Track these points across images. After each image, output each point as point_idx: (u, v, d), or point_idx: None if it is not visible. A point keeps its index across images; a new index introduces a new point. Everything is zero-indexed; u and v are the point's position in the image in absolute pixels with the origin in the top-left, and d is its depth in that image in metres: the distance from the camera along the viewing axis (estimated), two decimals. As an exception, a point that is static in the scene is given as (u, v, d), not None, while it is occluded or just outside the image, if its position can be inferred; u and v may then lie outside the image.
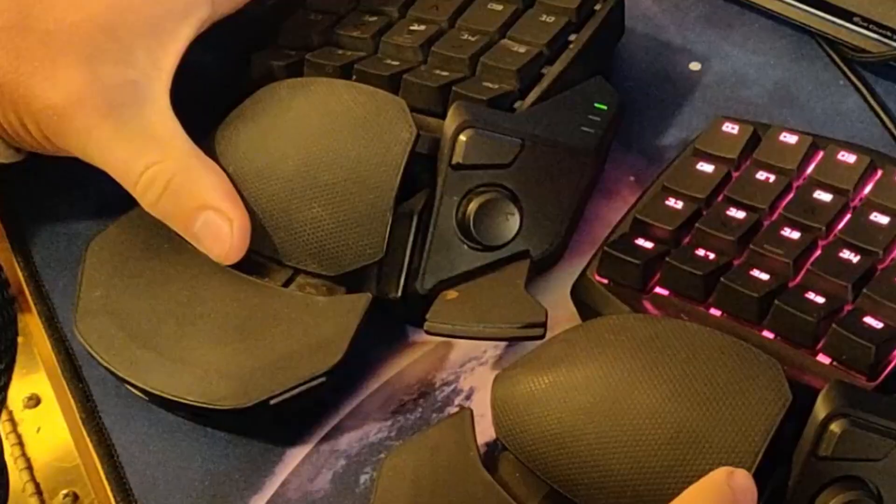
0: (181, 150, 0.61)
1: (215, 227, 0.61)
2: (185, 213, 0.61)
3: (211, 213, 0.60)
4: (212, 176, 0.61)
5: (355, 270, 0.61)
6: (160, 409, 0.61)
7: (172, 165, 0.61)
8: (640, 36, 0.74)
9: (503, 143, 0.62)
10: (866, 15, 0.69)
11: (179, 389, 0.59)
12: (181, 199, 0.61)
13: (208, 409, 0.58)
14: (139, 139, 0.61)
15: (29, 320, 0.66)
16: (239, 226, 0.61)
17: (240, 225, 0.61)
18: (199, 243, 0.61)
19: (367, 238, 0.61)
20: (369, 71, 0.65)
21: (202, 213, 0.60)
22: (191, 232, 0.61)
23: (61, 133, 0.61)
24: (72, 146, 0.61)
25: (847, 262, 0.57)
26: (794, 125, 0.65)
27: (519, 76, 0.64)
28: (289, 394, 0.58)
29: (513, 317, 0.59)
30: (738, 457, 0.50)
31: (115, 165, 0.61)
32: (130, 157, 0.61)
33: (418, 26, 0.68)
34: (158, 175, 0.60)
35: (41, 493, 0.61)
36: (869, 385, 0.54)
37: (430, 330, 0.60)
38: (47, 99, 0.60)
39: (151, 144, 0.61)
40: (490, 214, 0.61)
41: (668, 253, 0.59)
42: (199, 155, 0.61)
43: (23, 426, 0.64)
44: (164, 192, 0.61)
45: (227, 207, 0.61)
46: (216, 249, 0.61)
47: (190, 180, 0.61)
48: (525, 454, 0.54)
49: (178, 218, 0.61)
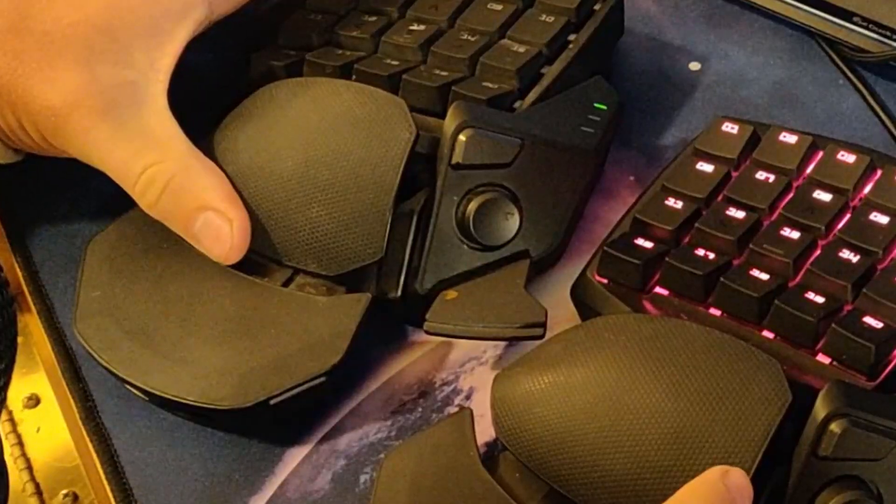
0: (180, 151, 0.61)
1: (215, 227, 0.60)
2: (185, 213, 0.61)
3: (211, 214, 0.60)
4: (211, 176, 0.61)
5: (355, 270, 0.61)
6: (160, 409, 0.61)
7: (171, 166, 0.60)
8: (640, 36, 0.74)
9: (503, 142, 0.62)
10: (866, 15, 0.69)
11: (179, 389, 0.59)
12: (180, 200, 0.61)
13: (208, 409, 0.58)
14: (137, 140, 0.61)
15: (29, 320, 0.66)
16: (239, 226, 0.60)
17: (240, 225, 0.60)
18: (199, 244, 0.61)
19: (366, 238, 0.61)
20: (369, 71, 0.65)
21: (202, 214, 0.60)
22: (190, 232, 0.61)
23: (59, 134, 0.61)
24: (70, 147, 0.61)
25: (847, 261, 0.57)
26: (793, 125, 0.65)
27: (518, 76, 0.64)
28: (288, 394, 0.58)
29: (513, 317, 0.59)
30: (738, 456, 0.50)
31: (113, 166, 0.61)
32: (129, 157, 0.61)
33: (418, 26, 0.68)
34: (157, 176, 0.60)
35: (41, 493, 0.61)
36: (869, 385, 0.54)
37: (430, 330, 0.60)
38: (45, 100, 0.60)
39: (150, 145, 0.61)
40: (490, 214, 0.61)
41: (667, 253, 0.59)
42: (198, 155, 0.61)
43: (22, 426, 0.64)
44: (164, 193, 0.60)
45: (227, 208, 0.60)
46: (216, 250, 0.61)
47: (189, 181, 0.61)
48: (525, 454, 0.54)
49: (178, 219, 0.61)
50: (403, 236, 0.61)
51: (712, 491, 0.47)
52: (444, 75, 0.65)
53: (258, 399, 0.58)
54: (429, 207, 0.61)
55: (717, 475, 0.47)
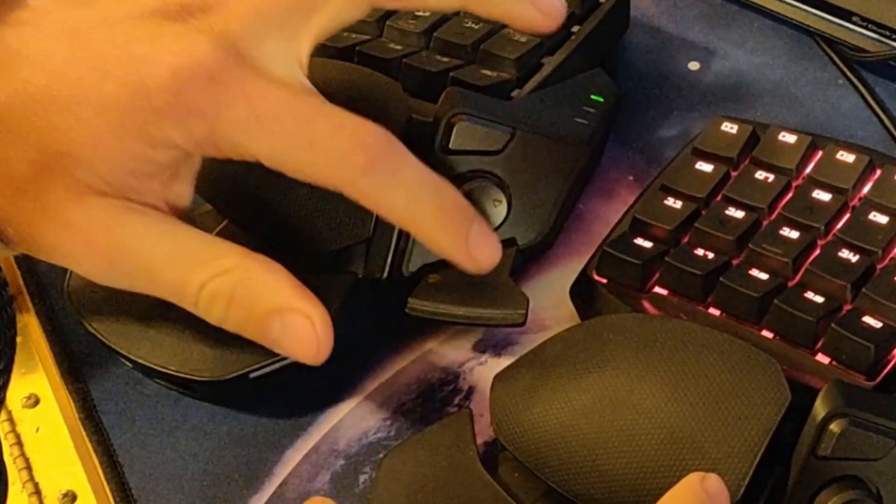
0: (231, 255, 0.53)
1: (294, 328, 0.52)
2: (258, 321, 0.52)
3: (287, 315, 0.52)
4: (273, 273, 0.53)
5: (342, 250, 0.61)
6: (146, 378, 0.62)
7: (230, 276, 0.52)
8: (640, 35, 0.74)
9: (493, 130, 0.62)
10: (865, 14, 0.69)
11: (162, 359, 0.59)
12: (250, 309, 0.52)
13: (188, 380, 0.59)
14: (183, 255, 0.53)
15: (28, 320, 0.66)
16: (321, 321, 0.52)
17: (321, 320, 0.52)
18: (282, 349, 0.52)
19: (354, 218, 0.61)
20: (371, 54, 0.65)
21: (276, 317, 0.52)
22: (269, 339, 0.52)
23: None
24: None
25: (846, 261, 0.57)
26: (792, 125, 0.65)
27: (517, 65, 0.64)
28: (268, 368, 0.58)
29: (494, 303, 0.59)
30: (738, 456, 0.50)
31: (164, 290, 0.53)
32: (180, 277, 0.53)
33: (423, 12, 0.68)
34: (218, 290, 0.52)
35: (40, 493, 0.61)
36: (868, 385, 0.54)
37: (412, 311, 0.60)
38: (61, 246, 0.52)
39: (199, 258, 0.53)
40: (478, 201, 0.61)
41: (667, 252, 0.59)
42: (248, 252, 0.53)
43: (22, 426, 0.64)
44: (230, 307, 0.52)
45: (302, 304, 0.52)
46: (302, 352, 0.52)
47: (253, 285, 0.52)
48: (524, 454, 0.54)
49: (252, 328, 0.52)
50: (392, 219, 0.61)
51: (694, 497, 0.47)
52: (445, 61, 0.65)
53: (237, 372, 0.58)
54: (419, 191, 0.61)
55: (696, 481, 0.47)
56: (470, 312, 0.59)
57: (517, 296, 0.59)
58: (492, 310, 0.59)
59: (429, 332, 0.63)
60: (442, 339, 0.63)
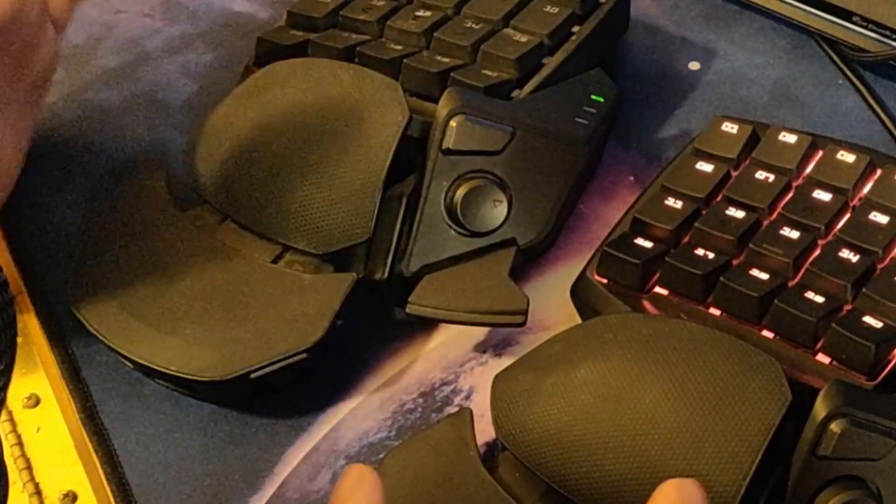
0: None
1: None
2: None
3: None
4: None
5: (343, 250, 0.61)
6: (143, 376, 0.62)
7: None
8: (640, 35, 0.74)
9: (494, 130, 0.62)
10: (865, 14, 0.69)
11: (163, 359, 0.59)
12: None
13: (190, 380, 0.59)
14: None
15: (28, 320, 0.66)
16: None
17: None
18: None
19: (355, 218, 0.61)
20: (371, 54, 0.66)
21: None
22: None
23: None
24: None
25: (846, 261, 0.57)
26: (793, 124, 0.65)
27: (518, 65, 0.64)
28: (269, 368, 0.58)
29: (495, 303, 0.59)
30: (738, 456, 0.50)
31: None
32: None
33: (424, 12, 0.68)
34: None
35: (41, 493, 0.61)
36: (868, 384, 0.54)
37: (412, 311, 0.60)
38: None
39: None
40: (478, 201, 0.61)
41: (667, 252, 0.59)
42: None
43: (22, 426, 0.64)
44: None
45: None
46: None
47: None
48: (524, 454, 0.54)
49: None
50: (392, 219, 0.61)
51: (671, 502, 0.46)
52: (445, 62, 0.65)
53: (238, 371, 0.58)
54: (418, 191, 0.62)
55: (673, 487, 0.47)
56: (470, 312, 0.59)
57: (517, 296, 0.59)
58: (492, 311, 0.59)
59: (429, 332, 0.63)
60: (442, 339, 0.63)
